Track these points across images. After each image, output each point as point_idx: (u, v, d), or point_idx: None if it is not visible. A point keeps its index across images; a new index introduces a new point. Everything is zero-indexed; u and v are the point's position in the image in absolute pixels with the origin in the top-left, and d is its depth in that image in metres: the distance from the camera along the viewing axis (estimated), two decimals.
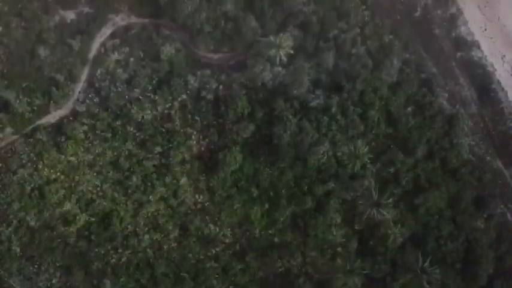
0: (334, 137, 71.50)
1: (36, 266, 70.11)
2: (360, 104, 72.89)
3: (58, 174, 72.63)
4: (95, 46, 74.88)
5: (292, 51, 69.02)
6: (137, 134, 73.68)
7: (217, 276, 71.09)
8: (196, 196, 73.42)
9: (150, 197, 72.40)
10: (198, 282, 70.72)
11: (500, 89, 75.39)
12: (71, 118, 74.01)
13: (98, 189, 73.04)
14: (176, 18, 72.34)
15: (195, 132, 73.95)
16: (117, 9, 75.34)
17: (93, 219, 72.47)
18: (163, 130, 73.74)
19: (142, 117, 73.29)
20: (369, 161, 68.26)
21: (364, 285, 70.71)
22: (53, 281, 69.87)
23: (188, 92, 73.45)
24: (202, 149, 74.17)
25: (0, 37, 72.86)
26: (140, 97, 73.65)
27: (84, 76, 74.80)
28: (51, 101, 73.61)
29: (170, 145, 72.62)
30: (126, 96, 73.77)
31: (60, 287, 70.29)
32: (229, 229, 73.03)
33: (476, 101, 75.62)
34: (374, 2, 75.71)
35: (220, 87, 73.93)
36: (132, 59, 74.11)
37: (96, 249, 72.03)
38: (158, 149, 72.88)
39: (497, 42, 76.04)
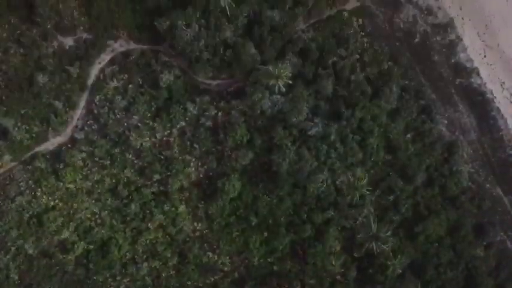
0: (333, 165, 71.71)
1: None
2: (359, 131, 73.12)
3: (56, 201, 73.41)
4: (94, 72, 74.91)
5: (290, 82, 68.65)
6: (136, 161, 74.02)
7: None
8: (195, 224, 73.95)
9: (149, 224, 73.46)
10: None
11: (500, 116, 75.38)
12: (69, 145, 74.43)
13: (97, 216, 73.73)
14: (175, 45, 72.00)
15: (193, 159, 74.08)
16: (116, 36, 75.08)
17: (91, 246, 73.32)
18: (162, 157, 74.06)
19: (141, 144, 73.58)
20: (368, 192, 67.83)
21: None
22: None
23: (187, 119, 73.49)
24: (201, 176, 74.35)
25: None
26: (139, 124, 73.99)
27: (82, 103, 74.86)
28: (50, 128, 73.78)
29: (169, 173, 72.34)
30: (125, 123, 74.15)
31: None
32: (228, 257, 73.93)
33: (476, 128, 75.53)
34: (373, 28, 75.53)
35: (219, 114, 73.94)
36: (130, 86, 74.28)
37: (95, 277, 73.01)
38: (157, 176, 72.94)
39: (496, 69, 75.98)
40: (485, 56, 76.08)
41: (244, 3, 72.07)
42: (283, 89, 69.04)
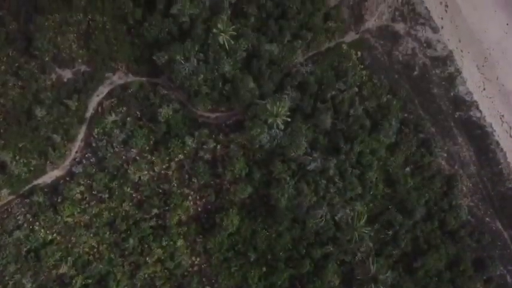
0: (332, 200, 72.09)
1: None
2: (358, 165, 73.67)
3: (54, 235, 73.95)
4: (92, 105, 75.27)
5: (289, 119, 68.38)
6: (134, 195, 74.56)
7: None
8: (193, 258, 74.25)
9: (147, 258, 73.84)
10: None
11: (499, 149, 75.57)
12: (67, 178, 74.78)
13: (95, 250, 74.08)
14: (173, 79, 71.90)
15: (192, 193, 74.50)
16: (114, 68, 75.43)
17: (89, 281, 73.77)
18: (160, 191, 74.37)
19: (140, 177, 73.92)
20: (366, 231, 67.57)
21: None
22: None
23: (185, 152, 73.33)
24: (199, 209, 74.73)
25: None
26: (137, 157, 74.48)
27: (81, 135, 75.23)
28: (48, 161, 73.87)
29: (167, 207, 72.22)
30: (123, 157, 74.62)
31: None
32: None
33: (475, 162, 75.62)
34: (372, 61, 75.72)
35: (218, 146, 74.07)
36: (129, 119, 74.73)
37: None
38: (155, 210, 72.56)
39: (495, 101, 76.23)
40: (484, 89, 76.27)
41: (242, 38, 72.00)
42: (282, 127, 68.76)
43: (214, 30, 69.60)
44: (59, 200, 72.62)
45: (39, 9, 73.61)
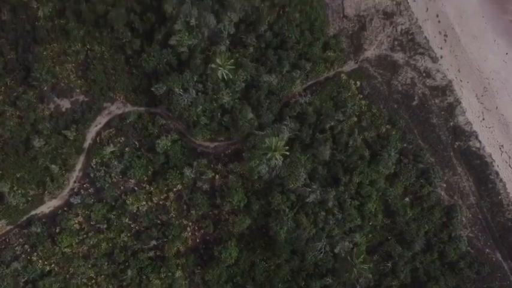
0: (332, 231, 71.82)
1: None
2: (357, 195, 73.69)
3: (52, 266, 74.43)
4: (90, 135, 75.31)
5: (287, 153, 68.19)
6: (132, 226, 74.60)
7: None
8: None
9: None
10: None
11: (499, 180, 75.27)
12: (65, 208, 74.93)
13: (93, 281, 74.63)
14: (172, 110, 71.70)
15: (190, 224, 74.72)
16: (113, 98, 75.25)
17: None
18: (159, 221, 74.32)
19: (138, 208, 74.11)
20: (365, 267, 67.17)
21: None
22: None
23: (184, 182, 72.97)
24: (198, 240, 74.83)
25: None
26: (135, 188, 74.27)
27: (79, 166, 75.19)
28: (46, 192, 73.62)
29: (165, 239, 71.89)
30: (122, 187, 74.71)
31: None
32: None
33: (475, 192, 75.35)
34: (371, 90, 75.64)
35: (217, 176, 73.88)
36: (127, 149, 74.54)
37: None
38: (153, 242, 72.22)
39: (495, 131, 76.00)
40: (483, 119, 76.00)
41: (241, 69, 71.81)
42: (280, 162, 68.44)
43: (213, 65, 69.45)
44: (57, 231, 73.11)
45: (38, 39, 73.75)
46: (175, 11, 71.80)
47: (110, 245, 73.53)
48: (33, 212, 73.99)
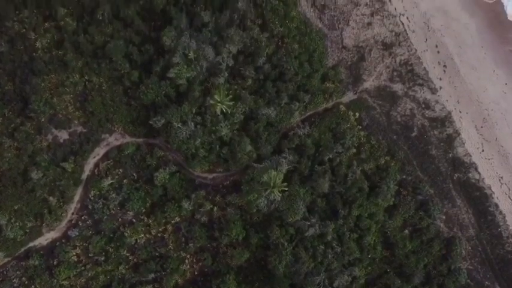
0: (331, 265, 71.43)
1: None
2: (356, 228, 73.46)
3: None
4: (88, 167, 75.31)
5: (286, 189, 67.98)
6: (130, 258, 74.48)
7: None
8: None
9: None
10: None
11: (498, 212, 75.23)
12: (63, 240, 74.64)
13: None
14: (170, 143, 71.47)
15: (188, 256, 75.04)
16: (111, 130, 74.85)
17: None
18: (157, 254, 73.88)
19: (136, 240, 73.94)
20: None
21: None
22: None
23: (182, 215, 72.88)
24: (196, 273, 74.99)
25: None
26: (134, 220, 74.25)
27: (77, 197, 75.34)
28: (44, 224, 73.53)
29: (164, 272, 71.52)
30: (120, 219, 74.64)
31: None
32: None
33: (474, 224, 75.37)
34: (370, 121, 75.71)
35: (215, 208, 73.75)
36: (125, 181, 74.49)
37: None
38: (152, 275, 71.96)
39: (494, 163, 76.02)
40: (483, 150, 75.95)
41: (240, 101, 71.63)
42: (279, 198, 68.19)
43: (211, 102, 69.28)
44: (54, 263, 73.13)
45: (35, 70, 73.93)
46: (174, 43, 71.84)
47: (108, 277, 73.54)
48: (31, 244, 74.04)
